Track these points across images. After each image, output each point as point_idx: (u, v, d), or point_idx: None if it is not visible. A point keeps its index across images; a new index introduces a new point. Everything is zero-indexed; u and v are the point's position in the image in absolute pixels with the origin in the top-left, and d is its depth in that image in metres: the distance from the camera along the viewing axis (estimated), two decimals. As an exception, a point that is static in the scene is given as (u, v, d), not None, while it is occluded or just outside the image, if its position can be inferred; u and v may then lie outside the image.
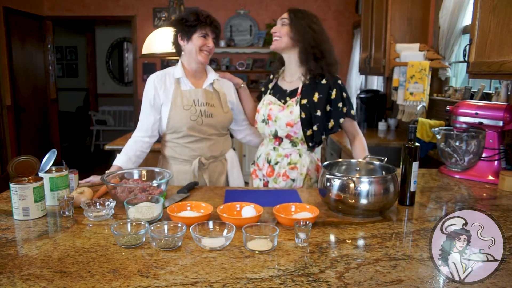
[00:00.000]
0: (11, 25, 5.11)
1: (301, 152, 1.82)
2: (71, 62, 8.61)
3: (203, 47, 1.81)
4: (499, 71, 1.59)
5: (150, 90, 1.86)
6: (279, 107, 1.80)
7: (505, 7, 1.58)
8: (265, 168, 1.87)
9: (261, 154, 1.92)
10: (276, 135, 1.82)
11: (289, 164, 1.81)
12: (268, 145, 1.89)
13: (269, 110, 1.82)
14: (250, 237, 1.08)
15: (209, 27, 1.80)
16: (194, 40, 1.80)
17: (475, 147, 1.88)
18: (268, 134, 1.85)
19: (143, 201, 1.33)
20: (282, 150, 1.84)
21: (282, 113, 1.78)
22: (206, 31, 1.80)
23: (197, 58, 1.82)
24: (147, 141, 1.88)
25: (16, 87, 5.23)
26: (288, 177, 1.81)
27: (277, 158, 1.84)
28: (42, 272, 0.95)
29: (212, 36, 1.84)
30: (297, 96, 1.79)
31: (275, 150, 1.85)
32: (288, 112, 1.77)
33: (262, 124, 1.86)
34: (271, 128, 1.82)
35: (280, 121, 1.78)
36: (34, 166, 1.34)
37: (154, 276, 0.94)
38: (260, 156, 1.93)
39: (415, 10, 3.37)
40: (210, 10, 5.88)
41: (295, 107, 1.77)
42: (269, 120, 1.81)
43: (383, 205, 1.33)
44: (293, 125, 1.76)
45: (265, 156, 1.89)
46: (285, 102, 1.82)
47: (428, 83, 3.07)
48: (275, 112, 1.80)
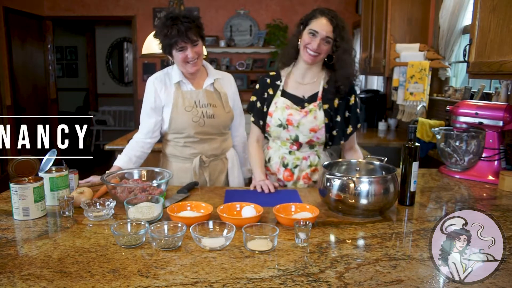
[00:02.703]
0: (11, 25, 5.11)
1: (318, 153, 1.79)
2: (71, 62, 8.61)
3: (185, 59, 1.74)
4: (499, 71, 1.59)
5: (150, 93, 1.85)
6: (300, 112, 1.72)
7: (505, 7, 1.58)
8: (281, 173, 1.80)
9: (272, 158, 1.83)
10: (296, 140, 1.75)
11: (310, 166, 1.77)
12: (281, 149, 1.81)
13: (288, 115, 1.72)
14: (250, 237, 1.08)
15: (180, 38, 1.68)
16: (175, 56, 1.76)
17: (475, 147, 1.87)
18: (286, 139, 1.77)
19: (143, 201, 1.33)
20: (299, 153, 1.78)
21: (305, 118, 1.71)
22: (180, 44, 1.70)
23: (186, 70, 1.80)
24: (149, 142, 1.88)
25: (16, 87, 5.23)
26: (311, 179, 1.79)
27: (295, 162, 1.78)
28: (42, 272, 0.95)
29: (191, 44, 1.72)
30: (318, 100, 1.72)
31: (291, 154, 1.78)
32: (312, 117, 1.70)
33: (278, 129, 1.76)
34: (291, 133, 1.74)
35: (304, 127, 1.71)
36: (34, 166, 1.34)
37: (154, 276, 0.94)
38: (270, 160, 1.84)
39: (415, 10, 3.37)
40: (210, 10, 5.91)
41: (319, 112, 1.71)
42: (289, 125, 1.73)
43: (383, 205, 1.33)
44: (317, 131, 1.71)
45: (279, 160, 1.81)
46: (302, 107, 1.73)
47: (428, 83, 3.07)
48: (297, 117, 1.71)
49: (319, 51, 1.64)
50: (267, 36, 5.68)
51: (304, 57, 1.68)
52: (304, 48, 1.66)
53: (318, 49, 1.63)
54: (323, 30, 1.61)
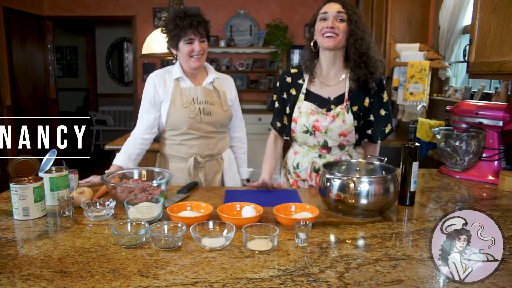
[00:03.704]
0: (11, 25, 5.11)
1: (350, 153, 1.73)
2: (71, 62, 8.62)
3: (191, 53, 1.78)
4: (499, 71, 1.59)
5: (150, 88, 1.86)
6: (326, 117, 1.63)
7: (505, 7, 1.58)
8: (314, 178, 1.73)
9: (301, 163, 1.75)
10: (325, 145, 1.68)
11: None
12: (309, 153, 1.73)
13: (314, 121, 1.64)
14: (250, 237, 1.08)
15: (191, 29, 1.73)
16: (181, 48, 1.78)
17: (475, 147, 1.87)
18: (313, 145, 1.70)
19: (143, 201, 1.33)
20: (330, 156, 1.70)
21: (333, 124, 1.62)
22: (189, 36, 1.75)
23: (189, 64, 1.82)
24: (147, 138, 1.88)
25: (16, 87, 5.23)
26: None
27: None
28: (42, 272, 0.95)
29: (199, 37, 1.76)
30: (345, 102, 1.64)
31: (322, 157, 1.70)
32: (341, 121, 1.62)
33: (304, 135, 1.69)
34: (318, 139, 1.67)
35: (332, 132, 1.64)
36: (34, 166, 1.34)
37: (154, 276, 0.94)
38: (299, 166, 1.76)
39: (415, 10, 3.38)
40: (210, 10, 5.91)
41: (347, 115, 1.62)
42: (317, 131, 1.65)
43: (383, 205, 1.33)
44: (347, 134, 1.64)
45: (309, 165, 1.73)
46: (328, 110, 1.65)
47: (428, 83, 3.07)
48: (324, 123, 1.63)
49: (335, 31, 1.54)
50: (267, 36, 5.68)
51: (323, 44, 1.58)
52: (320, 36, 1.58)
53: (333, 27, 1.54)
54: (332, 8, 1.56)
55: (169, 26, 1.77)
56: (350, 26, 1.55)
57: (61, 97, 7.08)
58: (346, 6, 1.57)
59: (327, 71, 1.68)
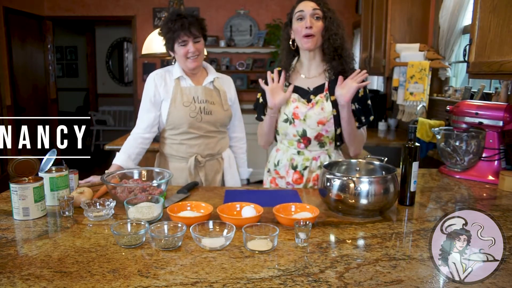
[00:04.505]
0: (11, 25, 5.11)
1: (329, 152, 1.72)
2: (71, 62, 8.62)
3: (186, 54, 1.79)
4: (499, 71, 1.59)
5: (150, 87, 1.86)
6: (306, 105, 1.66)
7: (505, 7, 1.58)
8: (291, 176, 1.73)
9: (281, 160, 1.77)
10: (304, 135, 1.68)
11: (320, 167, 1.67)
12: (289, 149, 1.74)
13: (294, 108, 1.67)
14: (250, 237, 1.08)
15: (183, 31, 1.75)
16: (177, 50, 1.81)
17: (475, 147, 1.87)
18: (293, 135, 1.70)
19: (143, 201, 1.33)
20: (308, 153, 1.71)
21: (312, 110, 1.64)
22: (182, 38, 1.76)
23: (186, 65, 1.83)
24: (147, 137, 1.89)
25: (16, 87, 5.23)
26: None
27: (304, 163, 1.71)
28: (42, 272, 0.95)
29: (192, 38, 1.77)
30: (325, 92, 1.66)
31: (300, 154, 1.71)
32: (319, 109, 1.64)
33: (284, 124, 1.70)
34: (297, 128, 1.67)
35: (311, 120, 1.65)
36: (34, 166, 1.34)
37: (154, 276, 0.94)
38: (279, 163, 1.77)
39: (415, 10, 3.38)
40: (210, 10, 5.90)
41: (326, 103, 1.65)
42: (296, 119, 1.66)
43: (383, 205, 1.33)
44: (325, 123, 1.65)
45: (287, 162, 1.74)
46: (309, 100, 1.68)
47: (428, 83, 3.07)
48: (303, 110, 1.65)
49: (313, 31, 1.58)
50: (267, 36, 5.68)
51: (303, 45, 1.62)
52: (299, 37, 1.62)
53: (311, 26, 1.57)
54: (308, 6, 1.60)
55: (163, 29, 1.80)
56: (325, 23, 1.61)
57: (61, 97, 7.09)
58: (320, 3, 1.61)
59: (308, 66, 1.73)
